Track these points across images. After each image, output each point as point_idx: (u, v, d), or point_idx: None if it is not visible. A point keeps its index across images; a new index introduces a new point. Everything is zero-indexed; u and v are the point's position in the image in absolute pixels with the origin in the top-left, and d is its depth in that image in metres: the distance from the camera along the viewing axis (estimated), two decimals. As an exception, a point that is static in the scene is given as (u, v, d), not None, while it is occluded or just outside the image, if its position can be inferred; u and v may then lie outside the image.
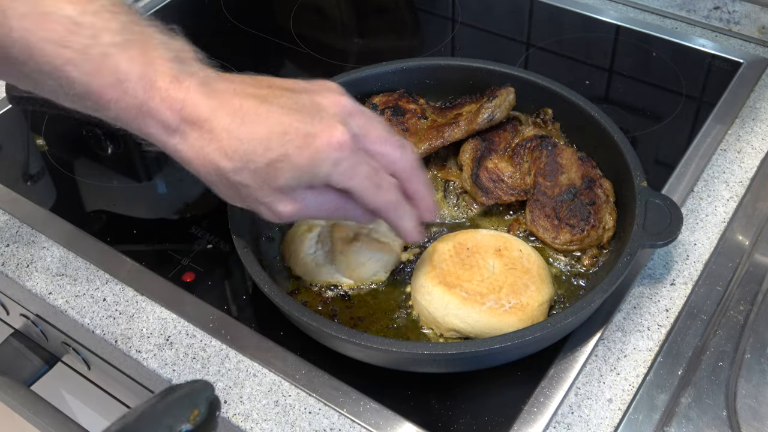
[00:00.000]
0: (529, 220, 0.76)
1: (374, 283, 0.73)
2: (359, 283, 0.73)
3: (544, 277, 0.70)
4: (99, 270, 0.80)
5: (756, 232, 0.80)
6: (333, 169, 0.58)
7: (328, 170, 0.58)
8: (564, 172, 0.78)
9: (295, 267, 0.74)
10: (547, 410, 0.66)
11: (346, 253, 0.73)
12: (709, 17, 1.06)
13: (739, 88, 0.95)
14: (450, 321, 0.67)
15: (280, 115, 0.57)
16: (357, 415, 0.66)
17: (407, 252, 0.76)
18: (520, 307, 0.67)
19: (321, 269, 0.73)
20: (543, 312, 0.69)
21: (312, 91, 0.61)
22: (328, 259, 0.73)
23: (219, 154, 0.57)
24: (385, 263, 0.74)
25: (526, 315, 0.67)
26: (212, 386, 0.51)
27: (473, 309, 0.67)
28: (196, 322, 0.74)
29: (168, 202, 0.87)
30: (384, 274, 0.74)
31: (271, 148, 0.57)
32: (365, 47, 1.10)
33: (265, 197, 0.59)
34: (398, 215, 0.63)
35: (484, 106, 0.80)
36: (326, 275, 0.73)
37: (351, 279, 0.73)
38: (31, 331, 0.88)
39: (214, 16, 1.14)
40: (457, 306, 0.67)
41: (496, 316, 0.67)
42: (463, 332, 0.68)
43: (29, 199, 0.87)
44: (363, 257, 0.73)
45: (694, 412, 0.66)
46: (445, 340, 0.69)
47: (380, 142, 0.61)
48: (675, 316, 0.72)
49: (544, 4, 1.11)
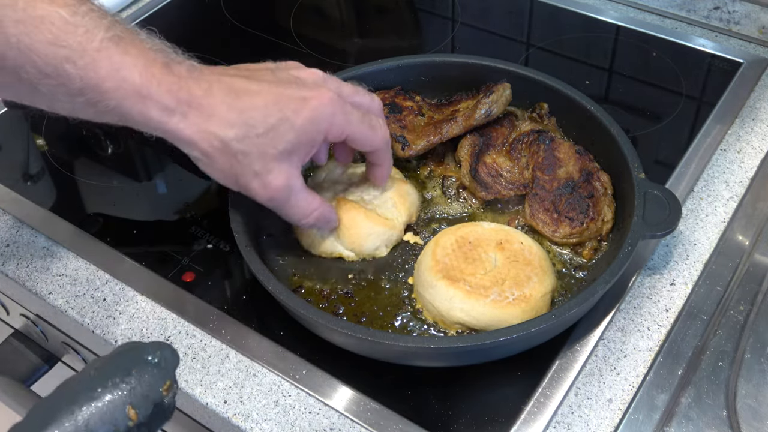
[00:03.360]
0: (528, 214, 0.77)
1: (375, 257, 0.76)
2: (361, 256, 0.76)
3: (546, 269, 0.71)
4: (99, 270, 0.80)
5: (756, 232, 0.80)
6: (331, 124, 0.65)
7: (327, 125, 0.64)
8: (562, 165, 0.79)
9: (301, 237, 0.77)
10: (547, 410, 0.66)
11: (349, 227, 0.75)
12: (709, 17, 1.06)
13: (739, 88, 0.95)
14: (455, 314, 0.68)
15: (271, 87, 0.63)
16: (357, 415, 0.66)
17: (409, 234, 0.78)
18: (524, 298, 0.68)
19: (325, 241, 0.76)
20: (546, 303, 0.69)
21: (285, 68, 0.68)
22: (333, 231, 0.75)
23: (220, 125, 0.61)
24: (387, 238, 0.76)
25: (529, 306, 0.67)
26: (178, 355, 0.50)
27: (477, 302, 0.67)
28: (196, 322, 0.74)
29: (168, 202, 0.87)
30: (385, 249, 0.76)
31: (271, 114, 0.62)
32: (365, 47, 1.10)
33: (262, 167, 0.63)
34: (386, 156, 0.73)
35: (481, 102, 0.80)
36: (330, 247, 0.76)
37: (353, 252, 0.75)
38: (31, 331, 0.88)
39: (214, 16, 1.14)
40: (462, 299, 0.68)
41: (500, 308, 0.67)
42: (468, 325, 0.68)
43: (29, 199, 0.87)
44: (366, 231, 0.75)
45: (694, 412, 0.66)
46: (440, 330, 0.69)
47: (354, 94, 0.70)
48: (675, 316, 0.72)
49: (544, 4, 1.11)
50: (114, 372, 0.47)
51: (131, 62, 0.59)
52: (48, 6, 0.57)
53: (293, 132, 0.63)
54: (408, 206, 0.78)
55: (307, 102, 0.63)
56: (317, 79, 0.67)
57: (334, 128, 0.65)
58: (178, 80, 0.60)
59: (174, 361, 0.49)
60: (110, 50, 0.58)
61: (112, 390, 0.46)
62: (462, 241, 0.72)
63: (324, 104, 0.64)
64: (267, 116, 0.62)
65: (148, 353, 0.48)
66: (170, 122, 0.61)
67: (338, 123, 0.65)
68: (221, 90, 0.62)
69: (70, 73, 0.57)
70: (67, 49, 0.57)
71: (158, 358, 0.48)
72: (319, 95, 0.64)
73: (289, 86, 0.64)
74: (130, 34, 0.60)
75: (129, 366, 0.48)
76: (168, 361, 0.49)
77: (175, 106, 0.60)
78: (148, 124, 0.61)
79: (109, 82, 0.58)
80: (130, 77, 0.59)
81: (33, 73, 0.57)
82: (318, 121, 0.64)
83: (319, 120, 0.64)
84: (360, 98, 0.70)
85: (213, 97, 0.61)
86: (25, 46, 0.56)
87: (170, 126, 0.61)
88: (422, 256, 0.73)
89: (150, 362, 0.48)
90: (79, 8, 0.58)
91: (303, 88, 0.65)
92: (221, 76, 0.63)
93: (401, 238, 0.77)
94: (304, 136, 0.64)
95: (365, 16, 1.17)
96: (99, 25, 0.58)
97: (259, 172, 0.63)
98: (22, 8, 0.56)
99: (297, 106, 0.63)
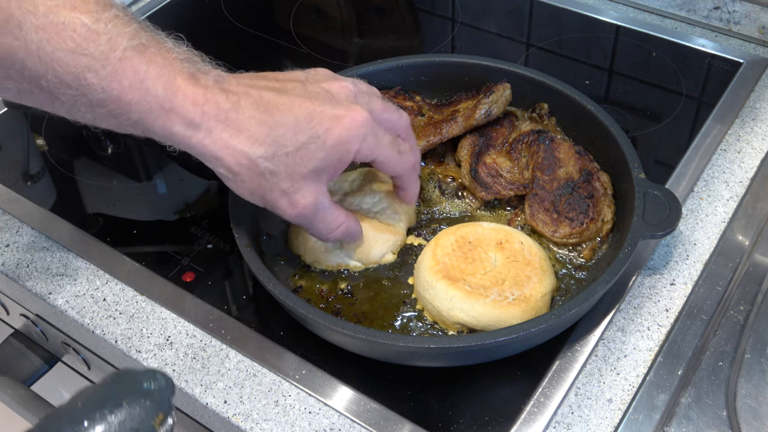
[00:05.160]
0: (528, 215, 0.77)
1: (382, 263, 0.75)
2: (368, 265, 0.75)
3: (546, 269, 0.71)
4: (99, 270, 0.80)
5: (756, 232, 0.80)
6: (362, 145, 0.63)
7: (358, 146, 0.62)
8: (562, 166, 0.79)
9: (304, 254, 0.75)
10: (547, 410, 0.66)
11: None
12: (709, 17, 1.06)
13: (739, 88, 0.95)
14: (455, 314, 0.68)
15: (302, 102, 0.61)
16: (357, 415, 0.66)
17: (411, 236, 0.78)
18: (524, 298, 0.68)
19: (330, 254, 0.74)
20: (546, 303, 0.69)
21: (316, 80, 0.65)
22: (337, 243, 0.74)
23: (249, 142, 0.59)
24: (393, 244, 0.75)
25: (529, 306, 0.67)
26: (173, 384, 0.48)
27: (477, 302, 0.67)
28: (196, 322, 0.74)
29: (168, 202, 0.87)
30: (392, 256, 0.76)
31: (301, 131, 0.60)
32: (365, 47, 1.10)
33: (290, 186, 0.61)
34: (412, 180, 0.71)
35: (481, 102, 0.80)
36: (336, 259, 0.74)
37: (360, 261, 0.75)
38: (31, 331, 0.88)
39: (214, 16, 1.14)
40: (462, 300, 0.68)
41: (500, 308, 0.67)
42: (468, 325, 0.68)
43: (29, 199, 0.87)
44: (372, 240, 0.74)
45: (694, 412, 0.66)
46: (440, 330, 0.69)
47: (384, 110, 0.67)
48: (675, 316, 0.72)
49: (544, 4, 1.11)
50: (102, 403, 0.44)
51: (155, 72, 0.56)
52: (70, 12, 0.54)
53: (324, 151, 0.61)
54: (407, 210, 0.77)
55: (340, 121, 0.61)
56: (349, 95, 0.65)
57: (363, 149, 0.63)
58: (204, 92, 0.58)
59: (169, 390, 0.47)
60: (134, 60, 0.56)
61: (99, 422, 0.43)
62: (462, 241, 0.72)
63: (357, 124, 0.62)
64: (297, 134, 0.60)
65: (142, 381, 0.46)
66: (195, 137, 0.58)
67: (368, 145, 0.63)
68: (250, 104, 0.59)
69: (92, 83, 0.55)
70: (88, 58, 0.54)
71: (152, 387, 0.46)
72: (352, 114, 0.62)
73: (320, 102, 0.61)
74: (155, 43, 0.58)
75: (120, 396, 0.45)
76: (162, 391, 0.46)
77: (200, 120, 0.58)
78: (171, 138, 0.59)
79: (132, 93, 0.56)
80: (153, 89, 0.56)
81: (53, 82, 0.55)
82: (349, 141, 0.62)
83: (350, 140, 0.62)
84: (389, 114, 0.68)
85: (241, 111, 0.59)
86: (46, 54, 0.54)
87: (194, 141, 0.59)
88: (422, 256, 0.73)
89: (143, 391, 0.45)
90: (102, 15, 0.55)
91: (335, 104, 0.62)
92: (249, 87, 0.61)
93: (405, 241, 0.77)
94: (335, 155, 0.61)
95: (365, 16, 1.17)
96: (123, 33, 0.56)
97: (287, 190, 0.61)
98: (43, 14, 0.54)
99: (329, 124, 0.61)
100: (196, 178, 0.89)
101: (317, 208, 0.64)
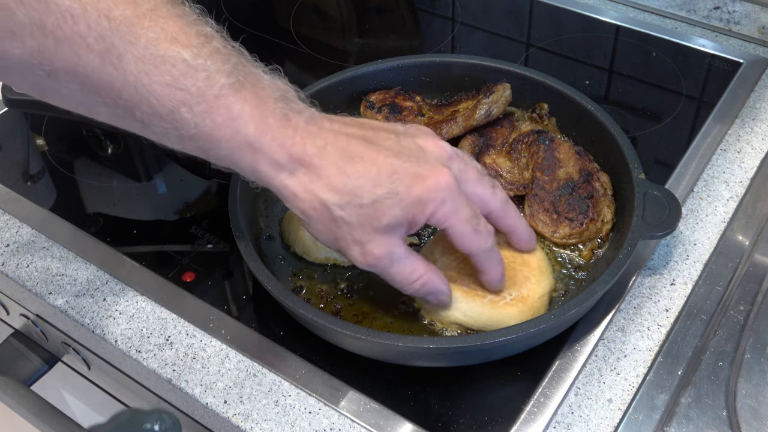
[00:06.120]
0: (528, 215, 0.77)
1: None
2: None
3: (544, 269, 0.71)
4: (99, 270, 0.80)
5: (756, 232, 0.80)
6: (438, 209, 0.60)
7: (433, 209, 0.59)
8: (562, 166, 0.79)
9: (295, 245, 0.76)
10: (547, 410, 0.66)
11: None
12: (709, 17, 1.06)
13: (739, 88, 0.95)
14: (452, 314, 0.68)
15: (387, 156, 0.59)
16: (357, 415, 0.66)
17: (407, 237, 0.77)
18: (521, 299, 0.68)
19: (321, 247, 0.74)
20: (544, 304, 0.69)
21: (412, 134, 0.63)
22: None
23: (326, 188, 0.58)
24: None
25: (526, 306, 0.67)
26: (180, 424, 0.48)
27: (475, 302, 0.67)
28: (196, 322, 0.74)
29: (168, 202, 0.87)
30: None
31: (380, 185, 0.58)
32: (365, 47, 1.10)
33: (363, 236, 0.60)
34: (490, 263, 0.66)
35: (481, 102, 0.80)
36: (326, 253, 0.74)
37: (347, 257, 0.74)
38: (31, 331, 0.88)
39: (214, 16, 1.13)
40: (459, 299, 0.68)
41: (497, 308, 0.67)
42: (465, 325, 0.68)
43: (29, 199, 0.87)
44: None
45: (694, 412, 0.66)
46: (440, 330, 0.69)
47: (476, 183, 0.64)
48: (675, 316, 0.72)
49: (544, 4, 1.11)
50: None
51: (249, 112, 0.56)
52: (171, 45, 0.54)
53: (400, 208, 0.59)
54: None
55: (422, 180, 0.59)
56: (441, 156, 0.62)
57: (438, 214, 0.60)
58: (293, 134, 0.58)
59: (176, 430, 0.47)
60: (229, 98, 0.56)
61: None
62: None
63: (438, 187, 0.59)
64: (376, 186, 0.58)
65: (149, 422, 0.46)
66: (277, 177, 0.59)
67: (444, 211, 0.60)
68: (335, 151, 0.59)
69: (186, 117, 0.55)
70: (184, 93, 0.54)
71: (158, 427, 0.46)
72: (436, 175, 0.59)
73: (408, 158, 0.60)
74: (252, 79, 0.57)
75: None
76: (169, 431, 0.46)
77: (285, 162, 0.58)
78: (256, 175, 0.59)
79: (223, 131, 0.56)
80: (244, 129, 0.56)
81: (147, 113, 0.55)
82: (426, 202, 0.59)
83: (427, 201, 0.59)
84: (482, 189, 0.64)
85: (325, 157, 0.58)
86: (143, 86, 0.54)
87: (276, 181, 0.59)
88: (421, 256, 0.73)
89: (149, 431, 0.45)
90: (202, 49, 0.55)
91: (423, 163, 0.60)
92: (339, 134, 0.60)
93: None
94: (410, 214, 0.59)
95: (365, 16, 1.17)
96: (221, 70, 0.55)
97: (359, 239, 0.60)
98: (144, 46, 0.53)
99: (410, 182, 0.59)
100: (196, 178, 0.89)
101: (391, 259, 0.62)
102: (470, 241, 0.63)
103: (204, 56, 0.55)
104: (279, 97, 0.59)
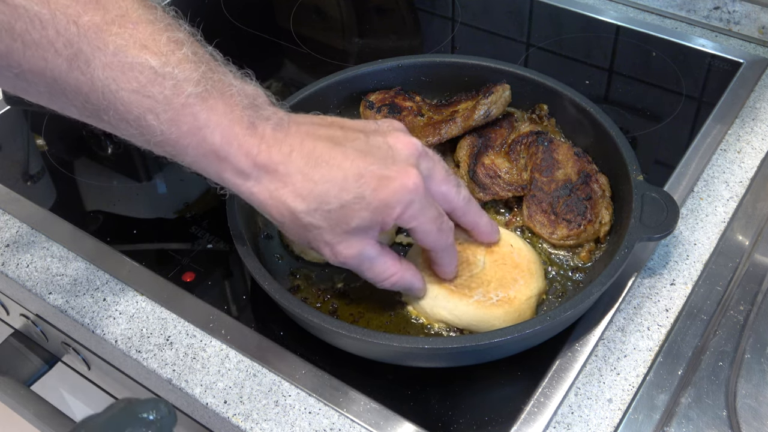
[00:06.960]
0: (526, 216, 0.77)
1: None
2: None
3: (534, 272, 0.71)
4: (99, 270, 0.80)
5: (756, 232, 0.80)
6: (405, 211, 0.60)
7: (400, 212, 0.60)
8: (560, 167, 0.79)
9: (293, 244, 0.76)
10: (547, 410, 0.66)
11: None
12: (709, 17, 1.06)
13: (739, 88, 0.95)
14: (438, 312, 0.68)
15: (355, 159, 0.59)
16: (357, 415, 0.66)
17: (401, 235, 0.77)
18: (507, 300, 0.68)
19: None
20: (530, 306, 0.69)
21: (383, 132, 0.63)
22: None
23: (293, 195, 0.59)
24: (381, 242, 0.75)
25: (512, 308, 0.68)
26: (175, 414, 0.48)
27: (461, 301, 0.68)
28: (196, 322, 0.74)
29: (168, 202, 0.87)
30: None
31: (347, 189, 0.58)
32: (365, 47, 1.10)
33: (333, 238, 0.61)
34: (448, 258, 0.67)
35: (481, 103, 0.80)
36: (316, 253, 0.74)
37: None
38: (31, 331, 0.88)
39: (214, 16, 1.14)
40: (445, 298, 0.68)
41: (482, 308, 0.67)
42: (451, 323, 0.68)
43: (29, 199, 0.87)
44: None
45: (694, 412, 0.66)
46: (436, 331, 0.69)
47: (442, 182, 0.64)
48: (675, 316, 0.72)
49: (544, 4, 1.11)
50: None
51: (215, 121, 0.57)
52: (139, 53, 0.54)
53: (368, 211, 0.59)
54: None
55: (388, 182, 0.59)
56: (410, 154, 0.61)
57: (405, 215, 0.60)
58: (259, 142, 0.58)
59: (171, 420, 0.47)
60: (195, 107, 0.56)
61: None
62: None
63: (405, 189, 0.59)
64: (342, 191, 0.58)
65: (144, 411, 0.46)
66: (244, 185, 0.59)
67: (410, 212, 0.60)
68: (301, 157, 0.59)
69: (152, 124, 0.55)
70: (151, 100, 0.55)
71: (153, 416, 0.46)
72: (403, 177, 0.59)
73: (376, 159, 0.60)
74: (221, 87, 0.57)
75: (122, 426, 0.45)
76: (164, 421, 0.46)
77: (251, 170, 0.58)
78: (223, 182, 0.60)
79: (189, 139, 0.57)
80: (210, 137, 0.57)
81: (114, 118, 0.56)
82: (393, 205, 0.59)
83: (394, 204, 0.59)
84: (447, 188, 0.65)
85: (291, 164, 0.58)
86: (110, 92, 0.54)
87: (244, 189, 0.60)
88: (410, 255, 0.73)
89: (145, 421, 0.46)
90: (171, 57, 0.55)
91: (390, 164, 0.60)
92: (307, 137, 0.60)
93: (393, 239, 0.77)
94: (378, 216, 0.60)
95: (365, 16, 1.17)
96: (189, 79, 0.55)
97: (329, 242, 0.61)
98: (113, 52, 0.54)
99: (377, 184, 0.59)
100: (196, 178, 0.88)
101: (362, 257, 0.63)
102: (433, 239, 0.64)
103: (173, 64, 0.55)
104: (247, 105, 0.59)
